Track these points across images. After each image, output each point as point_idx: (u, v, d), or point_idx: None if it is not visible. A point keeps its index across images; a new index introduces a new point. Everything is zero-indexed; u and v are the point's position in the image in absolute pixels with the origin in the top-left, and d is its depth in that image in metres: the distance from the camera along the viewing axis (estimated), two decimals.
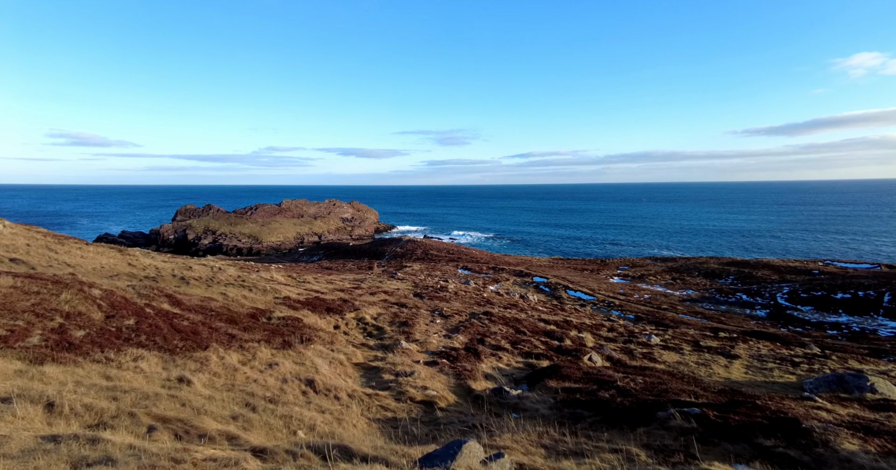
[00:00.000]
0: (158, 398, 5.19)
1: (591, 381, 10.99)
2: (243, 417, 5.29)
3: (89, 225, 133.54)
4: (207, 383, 6.83)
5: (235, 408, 5.75)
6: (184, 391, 5.95)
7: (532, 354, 14.61)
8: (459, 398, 9.97)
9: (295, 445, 3.99)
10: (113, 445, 3.33)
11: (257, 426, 5.12)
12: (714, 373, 14.22)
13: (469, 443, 3.81)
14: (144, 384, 5.90)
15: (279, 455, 3.69)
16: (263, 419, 5.43)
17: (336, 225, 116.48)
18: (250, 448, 3.83)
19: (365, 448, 4.14)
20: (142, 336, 7.82)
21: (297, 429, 5.59)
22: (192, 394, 5.90)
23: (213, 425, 4.63)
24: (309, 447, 3.92)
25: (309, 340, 11.82)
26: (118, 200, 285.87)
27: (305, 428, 5.79)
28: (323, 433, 5.83)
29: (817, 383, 13.21)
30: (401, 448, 4.49)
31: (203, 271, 17.35)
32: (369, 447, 4.22)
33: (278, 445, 4.00)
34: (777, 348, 18.20)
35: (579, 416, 8.28)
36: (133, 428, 4.28)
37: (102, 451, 3.23)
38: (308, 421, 6.05)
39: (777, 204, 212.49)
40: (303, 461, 3.57)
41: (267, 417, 5.63)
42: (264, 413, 5.83)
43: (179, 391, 5.85)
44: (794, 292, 39.23)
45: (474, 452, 3.77)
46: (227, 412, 5.44)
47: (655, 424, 6.90)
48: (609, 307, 35.70)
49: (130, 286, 11.37)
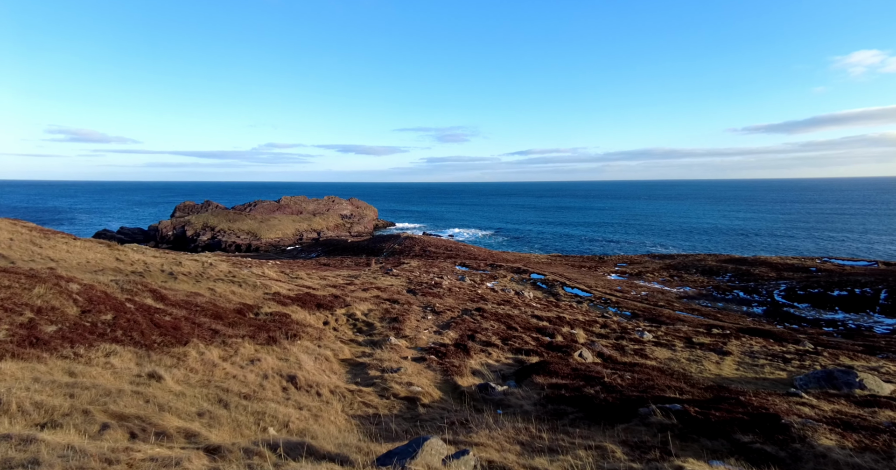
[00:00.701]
0: (121, 395, 5.09)
1: (579, 377, 10.92)
2: (210, 414, 5.19)
3: (88, 221, 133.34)
4: (182, 379, 6.75)
5: (205, 404, 5.65)
6: (152, 388, 5.86)
7: (522, 350, 14.54)
8: (445, 394, 9.90)
9: (254, 443, 3.90)
10: (47, 446, 3.21)
11: (224, 423, 5.02)
12: (705, 369, 14.17)
13: (431, 440, 3.72)
14: (111, 381, 5.80)
15: (233, 453, 3.60)
16: (233, 416, 5.33)
17: (335, 222, 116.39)
18: (204, 446, 3.74)
19: (328, 446, 4.05)
20: (118, 331, 7.72)
21: (268, 426, 5.50)
22: (160, 390, 5.81)
23: (174, 423, 4.54)
24: (268, 445, 3.83)
25: (295, 336, 11.74)
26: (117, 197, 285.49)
27: (278, 425, 5.71)
28: (296, 430, 5.75)
29: (807, 380, 13.16)
30: (368, 446, 4.41)
31: (193, 267, 17.25)
32: (333, 445, 4.13)
33: (237, 443, 3.92)
34: (770, 345, 18.15)
35: (562, 412, 8.22)
36: (84, 427, 4.17)
37: (32, 452, 3.12)
38: (282, 418, 5.97)
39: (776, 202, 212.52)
40: (257, 460, 3.48)
41: (237, 414, 5.54)
42: (236, 410, 5.74)
43: (147, 388, 5.76)
44: (791, 290, 39.20)
45: (436, 450, 3.69)
46: (195, 409, 5.35)
47: (636, 421, 6.83)
48: (606, 304, 35.66)
49: (114, 281, 11.28)
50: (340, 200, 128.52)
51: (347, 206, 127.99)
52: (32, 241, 15.34)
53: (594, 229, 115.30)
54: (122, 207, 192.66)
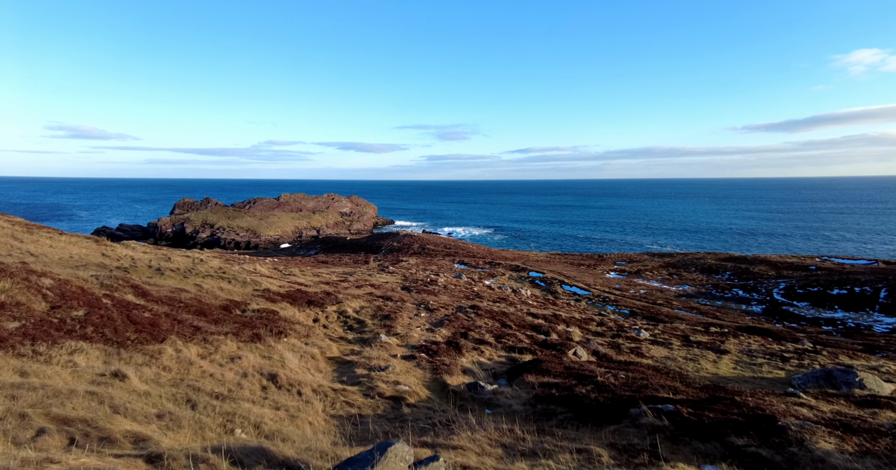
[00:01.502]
0: (72, 396, 4.78)
1: (571, 376, 10.65)
2: (171, 416, 4.89)
3: (88, 218, 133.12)
4: (151, 378, 6.46)
5: (169, 405, 5.36)
6: (113, 388, 5.56)
7: (516, 348, 14.27)
8: (433, 394, 9.62)
9: (206, 448, 3.62)
10: None
11: (185, 426, 4.73)
12: (702, 368, 13.89)
13: (396, 445, 3.45)
14: (68, 380, 5.51)
15: (177, 461, 3.32)
16: (197, 417, 5.03)
17: (335, 219, 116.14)
18: (147, 454, 3.45)
19: (290, 451, 3.77)
20: (88, 328, 7.43)
21: (236, 427, 5.21)
22: (121, 390, 5.51)
23: (124, 427, 4.24)
24: (222, 451, 3.54)
25: (282, 333, 11.46)
26: (117, 193, 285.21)
27: (249, 426, 5.42)
28: (268, 432, 5.47)
29: (805, 379, 12.88)
30: (336, 450, 4.13)
31: (183, 262, 16.97)
32: (297, 450, 3.85)
33: (189, 448, 3.64)
34: (768, 344, 17.88)
35: (552, 412, 7.94)
36: (16, 432, 3.82)
37: None
38: (255, 419, 5.68)
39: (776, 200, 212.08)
40: (203, 468, 3.21)
41: (203, 415, 5.24)
42: (204, 410, 5.45)
43: (106, 388, 5.45)
44: (791, 288, 38.91)
45: (401, 456, 3.42)
46: (155, 410, 5.05)
47: (626, 422, 6.55)
48: (604, 302, 35.40)
49: (94, 276, 10.99)
50: (340, 198, 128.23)
51: (347, 204, 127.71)
52: (14, 235, 15.05)
53: (594, 228, 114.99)
54: (121, 204, 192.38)
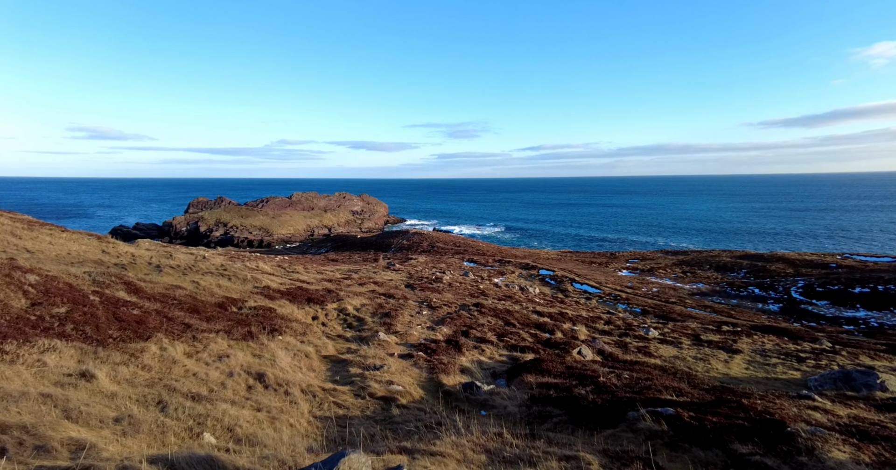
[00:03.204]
0: (23, 399, 4.53)
1: (573, 376, 10.25)
2: (131, 420, 4.62)
3: (106, 216, 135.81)
4: (127, 378, 6.25)
5: (134, 407, 5.10)
6: (75, 389, 5.33)
7: (518, 347, 13.89)
8: (427, 394, 9.31)
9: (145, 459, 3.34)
10: None
11: (143, 431, 4.45)
12: (712, 368, 13.36)
13: (350, 456, 3.14)
14: (29, 381, 5.29)
15: None
16: (160, 421, 4.76)
17: (346, 218, 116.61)
18: (81, 465, 3.20)
19: (242, 460, 3.49)
20: (67, 326, 7.27)
21: (206, 431, 4.95)
22: (85, 392, 5.28)
23: (68, 434, 3.98)
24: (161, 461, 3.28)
25: (276, 331, 11.25)
26: (134, 193, 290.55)
27: (222, 430, 5.16)
28: (242, 436, 5.20)
29: (822, 380, 12.29)
30: (296, 459, 3.84)
31: (184, 260, 16.92)
32: (250, 460, 3.56)
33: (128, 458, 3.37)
34: (784, 343, 17.20)
35: (547, 414, 7.57)
36: None
37: None
38: (229, 421, 5.42)
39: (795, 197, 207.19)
40: None
41: (169, 419, 4.97)
42: (175, 412, 5.20)
43: (67, 390, 5.23)
44: (810, 286, 37.73)
45: (355, 468, 3.11)
46: (115, 414, 4.80)
47: (623, 426, 6.16)
48: (615, 300, 34.74)
49: (87, 273, 10.90)
50: (351, 197, 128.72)
51: (358, 203, 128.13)
52: (13, 232, 15.13)
53: (605, 226, 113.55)
54: (138, 203, 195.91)
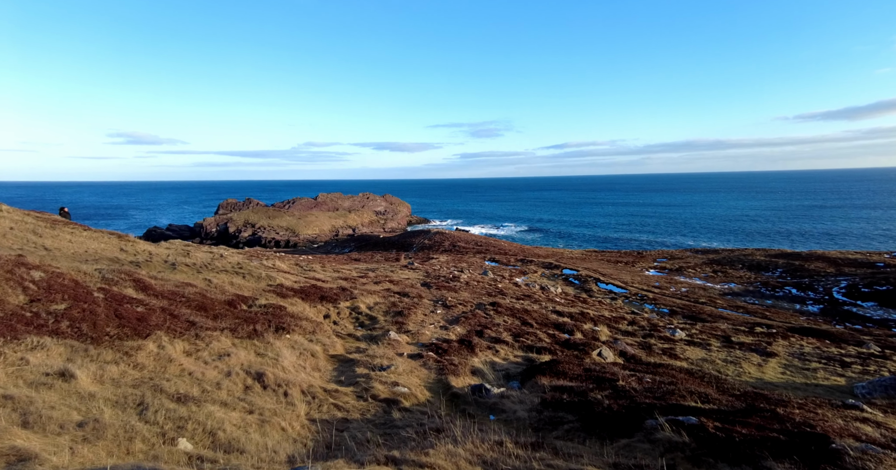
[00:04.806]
0: None
1: (590, 378, 9.62)
2: (97, 424, 4.29)
3: (142, 217, 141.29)
4: (114, 377, 6.03)
5: (107, 410, 4.81)
6: (49, 390, 5.09)
7: (534, 347, 13.30)
8: (433, 396, 8.86)
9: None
10: None
11: (108, 437, 4.13)
12: (743, 372, 12.44)
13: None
14: (1, 380, 5.12)
15: None
16: (131, 425, 4.43)
17: (369, 218, 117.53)
18: None
19: None
20: (63, 323, 7.16)
21: (183, 436, 4.62)
22: (57, 393, 5.04)
23: (13, 442, 3.65)
24: None
25: (284, 330, 11.02)
26: (167, 195, 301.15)
27: (203, 434, 4.84)
28: (223, 440, 4.87)
29: (871, 388, 11.23)
30: None
31: (202, 258, 17.01)
32: None
33: None
34: (825, 346, 16.00)
35: (559, 420, 7.01)
36: None
37: None
38: (213, 424, 5.11)
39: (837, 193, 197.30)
40: None
41: (143, 423, 4.66)
42: (153, 416, 4.89)
43: (38, 390, 4.99)
44: (854, 286, 35.48)
45: None
46: (80, 418, 4.50)
47: (639, 436, 5.56)
48: (642, 300, 33.55)
49: (98, 270, 10.93)
50: (375, 197, 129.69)
51: (381, 203, 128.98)
52: (34, 230, 15.50)
53: (633, 223, 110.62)
54: (171, 205, 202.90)
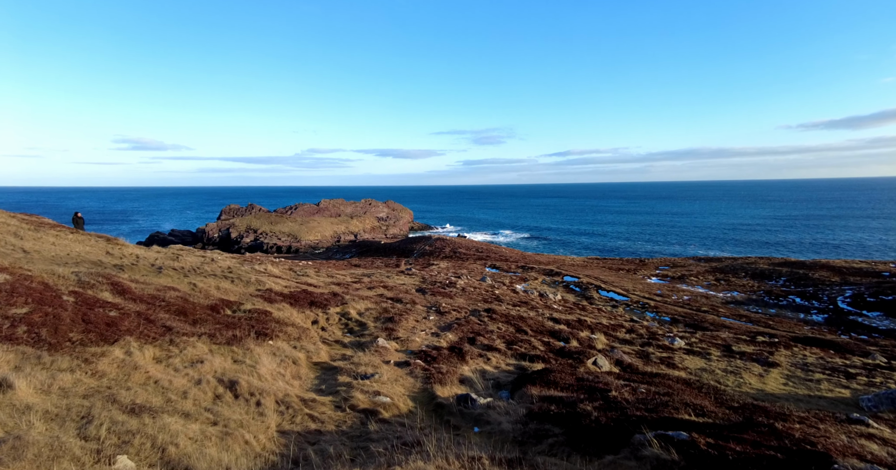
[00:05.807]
0: None
1: (582, 389, 9.21)
2: (16, 443, 3.86)
3: (145, 223, 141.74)
4: (65, 386, 5.66)
5: (38, 425, 4.38)
6: None
7: (527, 355, 12.88)
8: (416, 407, 8.46)
9: None
10: None
11: (28, 457, 3.70)
12: (744, 383, 11.99)
13: None
14: None
15: None
16: (62, 442, 4.04)
17: (371, 224, 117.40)
18: None
19: None
20: (20, 328, 6.82)
21: (126, 453, 4.25)
22: None
23: None
24: None
25: (267, 335, 10.66)
26: (171, 200, 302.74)
27: (150, 450, 4.48)
28: (173, 457, 4.50)
29: (877, 400, 10.77)
30: None
31: (191, 261, 16.72)
32: None
33: None
34: (829, 357, 15.51)
35: (544, 433, 6.61)
36: None
37: None
38: (165, 439, 4.74)
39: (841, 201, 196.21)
40: None
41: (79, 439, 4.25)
42: (95, 430, 4.50)
43: None
44: (859, 296, 34.85)
45: None
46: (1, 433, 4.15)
47: (626, 452, 5.17)
48: (643, 308, 33.06)
49: (74, 273, 10.63)
50: (377, 203, 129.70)
51: (384, 209, 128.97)
52: (16, 232, 15.27)
53: (635, 231, 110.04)
54: (174, 210, 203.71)
